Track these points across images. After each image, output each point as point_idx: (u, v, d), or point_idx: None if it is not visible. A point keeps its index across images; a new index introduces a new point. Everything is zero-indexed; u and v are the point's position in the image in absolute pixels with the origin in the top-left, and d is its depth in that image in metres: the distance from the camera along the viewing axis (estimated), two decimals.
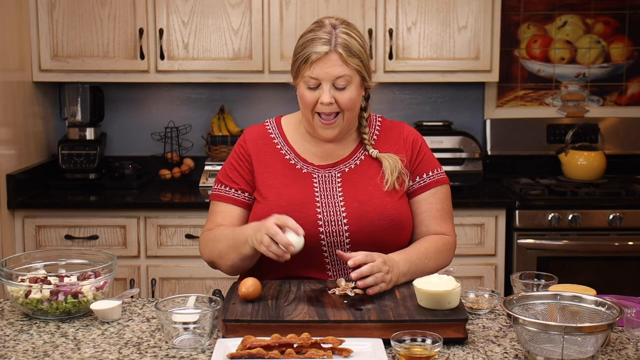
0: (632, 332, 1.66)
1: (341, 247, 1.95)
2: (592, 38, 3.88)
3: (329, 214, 1.95)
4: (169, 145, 3.80)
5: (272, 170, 2.02)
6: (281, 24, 3.47)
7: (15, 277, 1.81)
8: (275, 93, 3.86)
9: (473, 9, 3.50)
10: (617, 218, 3.28)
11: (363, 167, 2.03)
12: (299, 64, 1.93)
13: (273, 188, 1.99)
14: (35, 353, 1.59)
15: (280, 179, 2.00)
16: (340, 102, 1.92)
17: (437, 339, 1.50)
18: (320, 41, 1.89)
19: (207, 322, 1.61)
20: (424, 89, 3.89)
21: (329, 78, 1.89)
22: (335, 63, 1.89)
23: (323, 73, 1.89)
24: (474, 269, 3.32)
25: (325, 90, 1.90)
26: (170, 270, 3.29)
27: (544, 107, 3.92)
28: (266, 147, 2.05)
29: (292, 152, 2.04)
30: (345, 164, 2.03)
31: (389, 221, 1.95)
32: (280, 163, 2.03)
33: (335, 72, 1.89)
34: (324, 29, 1.91)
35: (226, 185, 2.04)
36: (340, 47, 1.89)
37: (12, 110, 3.31)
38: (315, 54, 1.88)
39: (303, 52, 1.91)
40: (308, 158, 2.03)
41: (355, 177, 2.01)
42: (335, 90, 1.91)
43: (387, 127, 2.10)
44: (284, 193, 1.98)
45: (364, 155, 2.04)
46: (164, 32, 3.46)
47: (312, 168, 2.02)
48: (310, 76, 1.90)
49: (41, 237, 3.27)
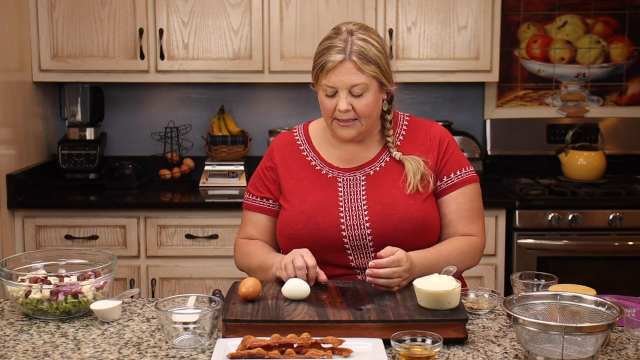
0: (632, 332, 1.66)
1: (364, 251, 1.96)
2: (592, 38, 3.88)
3: (351, 217, 1.96)
4: (169, 145, 3.80)
5: (297, 177, 2.04)
6: (281, 24, 3.47)
7: (15, 277, 1.81)
8: (275, 93, 3.86)
9: (473, 9, 3.50)
10: (617, 218, 3.28)
11: (387, 170, 2.02)
12: (317, 71, 1.94)
13: (298, 194, 2.01)
14: (35, 353, 1.59)
15: (305, 184, 2.02)
16: (357, 109, 1.92)
17: (437, 339, 1.50)
18: (335, 49, 1.89)
19: (207, 322, 1.61)
20: (424, 89, 3.89)
21: (345, 86, 1.90)
22: (350, 71, 1.89)
23: (339, 81, 1.90)
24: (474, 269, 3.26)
25: (342, 98, 1.91)
26: (170, 270, 3.29)
27: (544, 107, 3.92)
28: (293, 154, 2.08)
29: (318, 158, 2.06)
30: (370, 167, 2.03)
31: (412, 224, 1.95)
32: (306, 169, 2.05)
33: (350, 80, 1.89)
34: (340, 37, 1.91)
35: (253, 194, 2.11)
36: (354, 55, 1.88)
37: (12, 110, 3.31)
38: (330, 63, 1.89)
39: (319, 60, 1.92)
40: (333, 162, 2.04)
41: (379, 180, 2.01)
42: (352, 97, 1.91)
43: (414, 127, 2.08)
44: (307, 198, 2.00)
45: (388, 157, 2.03)
46: (164, 32, 3.46)
47: (337, 172, 2.03)
48: (327, 84, 1.91)
49: (41, 237, 3.27)
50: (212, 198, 3.41)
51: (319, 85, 1.95)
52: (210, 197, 3.43)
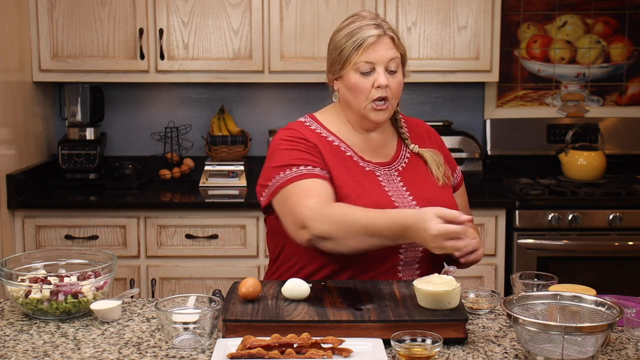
0: (632, 332, 1.66)
1: (416, 247, 1.91)
2: (592, 38, 3.88)
3: None
4: (169, 145, 3.80)
5: (343, 166, 1.93)
6: (281, 24, 3.47)
7: (15, 277, 1.81)
8: (275, 93, 3.86)
9: (473, 9, 3.50)
10: (617, 218, 3.28)
11: (413, 164, 2.02)
12: (350, 52, 1.91)
13: (350, 186, 1.91)
14: (35, 353, 1.59)
15: (354, 176, 1.92)
16: (392, 87, 1.92)
17: (437, 339, 1.50)
18: (369, 27, 1.91)
19: (207, 322, 1.61)
20: (424, 89, 3.89)
21: (384, 60, 1.91)
22: (389, 46, 1.92)
23: (378, 56, 1.90)
24: (474, 269, 3.28)
25: (381, 73, 1.90)
26: (170, 270, 3.29)
27: (544, 107, 3.92)
28: (325, 143, 1.96)
29: (350, 149, 1.98)
30: (398, 162, 2.01)
31: None
32: (345, 160, 1.95)
33: (388, 54, 1.91)
34: (368, 18, 1.94)
35: (305, 165, 1.88)
36: (390, 31, 1.93)
37: (12, 110, 3.31)
38: (371, 37, 1.90)
39: (353, 39, 1.91)
40: (365, 155, 1.98)
41: (411, 174, 2.00)
42: (387, 73, 1.92)
43: (411, 122, 2.11)
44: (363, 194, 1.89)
45: (407, 152, 2.04)
46: (164, 32, 3.46)
47: (372, 166, 1.98)
48: (366, 61, 1.90)
49: (41, 237, 3.27)
50: (212, 198, 3.41)
51: (351, 65, 1.91)
52: (210, 197, 3.43)
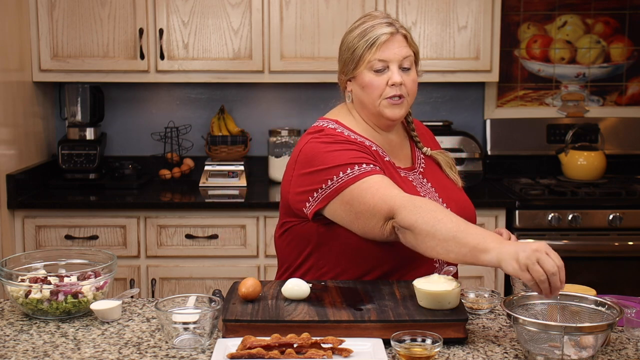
0: (632, 332, 1.66)
1: None
2: (592, 38, 3.88)
3: None
4: (169, 145, 3.80)
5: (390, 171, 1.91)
6: (281, 24, 3.47)
7: (15, 277, 1.81)
8: (275, 93, 3.86)
9: (473, 9, 3.50)
10: (617, 218, 3.28)
11: (429, 167, 2.03)
12: (363, 51, 1.91)
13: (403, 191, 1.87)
14: (35, 353, 1.59)
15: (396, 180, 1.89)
16: (407, 84, 1.93)
17: (437, 339, 1.50)
18: (382, 25, 1.91)
19: (207, 322, 1.61)
20: (424, 89, 3.87)
21: (397, 58, 1.91)
22: (401, 44, 1.92)
23: (392, 54, 1.90)
24: (474, 269, 3.32)
25: (395, 71, 1.90)
26: (170, 270, 3.29)
27: (544, 107, 3.92)
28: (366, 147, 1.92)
29: (387, 154, 1.96)
30: (419, 165, 2.02)
31: (475, 216, 1.99)
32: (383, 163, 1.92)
33: (402, 52, 1.92)
34: (379, 17, 1.94)
35: (367, 164, 1.85)
36: (403, 30, 1.94)
37: (12, 110, 3.31)
38: (384, 35, 1.90)
39: (366, 38, 1.91)
40: (395, 162, 1.97)
41: (432, 177, 2.00)
42: (401, 72, 1.92)
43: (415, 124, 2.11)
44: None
45: (420, 154, 2.05)
46: (164, 32, 3.46)
47: (403, 172, 1.97)
48: (379, 59, 1.90)
49: (41, 237, 3.27)
50: (212, 198, 3.41)
51: (365, 64, 1.91)
52: (210, 197, 3.43)
